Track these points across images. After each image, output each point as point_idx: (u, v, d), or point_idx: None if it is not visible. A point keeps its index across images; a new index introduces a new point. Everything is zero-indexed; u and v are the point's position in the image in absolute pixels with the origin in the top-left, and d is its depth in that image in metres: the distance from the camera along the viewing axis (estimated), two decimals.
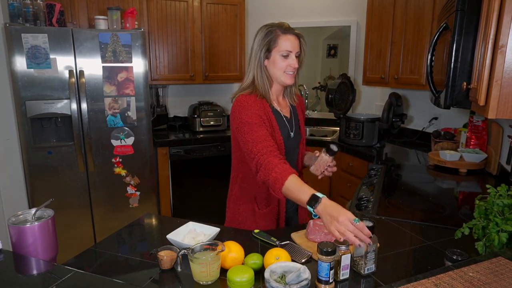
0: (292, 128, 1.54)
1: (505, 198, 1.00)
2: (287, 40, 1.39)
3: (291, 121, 1.54)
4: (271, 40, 1.40)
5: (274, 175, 1.21)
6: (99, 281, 0.91)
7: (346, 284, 1.03)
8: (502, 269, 0.85)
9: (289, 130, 1.52)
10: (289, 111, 1.56)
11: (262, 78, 1.44)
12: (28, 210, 1.14)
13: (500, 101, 1.16)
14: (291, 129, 1.53)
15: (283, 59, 1.41)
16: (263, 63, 1.44)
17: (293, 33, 1.42)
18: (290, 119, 1.54)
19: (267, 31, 1.41)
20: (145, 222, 1.50)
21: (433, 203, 1.70)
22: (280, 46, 1.39)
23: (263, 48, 1.42)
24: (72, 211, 2.68)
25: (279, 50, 1.40)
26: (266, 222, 1.51)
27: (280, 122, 1.48)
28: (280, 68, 1.42)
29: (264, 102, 1.44)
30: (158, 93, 3.51)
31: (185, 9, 3.26)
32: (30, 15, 2.47)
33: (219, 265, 1.04)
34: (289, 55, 1.40)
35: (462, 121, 2.64)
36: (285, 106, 1.56)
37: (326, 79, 3.88)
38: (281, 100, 1.56)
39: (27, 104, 2.43)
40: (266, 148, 1.28)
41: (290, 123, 1.53)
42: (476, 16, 1.42)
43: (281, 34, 1.40)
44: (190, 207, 3.33)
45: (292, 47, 1.40)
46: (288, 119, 1.53)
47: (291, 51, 1.40)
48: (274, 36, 1.40)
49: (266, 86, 1.45)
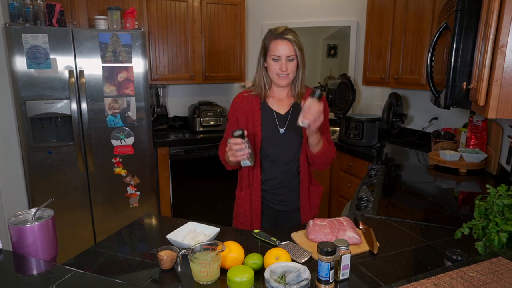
0: (284, 125, 1.58)
1: (505, 198, 1.00)
2: (277, 45, 1.48)
3: (284, 118, 1.59)
4: (265, 44, 1.53)
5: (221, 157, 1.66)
6: (99, 281, 0.91)
7: (346, 284, 1.03)
8: (502, 269, 0.85)
9: (278, 125, 1.58)
10: (287, 109, 1.61)
11: (260, 79, 1.58)
12: (28, 210, 1.14)
13: (500, 101, 1.16)
14: (281, 125, 1.58)
15: (275, 62, 1.51)
16: (263, 65, 1.57)
17: (283, 38, 1.48)
18: (283, 116, 1.60)
19: (265, 36, 1.54)
20: (145, 222, 1.50)
21: (433, 203, 1.70)
22: (271, 51, 1.50)
23: (262, 52, 1.56)
24: (72, 211, 2.67)
25: (271, 54, 1.50)
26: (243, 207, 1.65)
27: (266, 117, 1.58)
28: (273, 71, 1.52)
29: (256, 98, 1.60)
30: (158, 93, 3.51)
31: (185, 9, 3.26)
32: (30, 15, 2.47)
33: (219, 265, 1.04)
34: (279, 59, 1.49)
35: (462, 121, 2.64)
36: (284, 104, 1.62)
37: (326, 79, 3.88)
38: (283, 98, 1.63)
39: (27, 104, 2.43)
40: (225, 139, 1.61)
41: (281, 120, 1.59)
42: (476, 16, 1.42)
43: (272, 40, 1.49)
44: (190, 207, 3.33)
45: (282, 51, 1.47)
46: (280, 116, 1.59)
47: (280, 56, 1.48)
48: (268, 41, 1.51)
49: (263, 85, 1.58)
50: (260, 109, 1.59)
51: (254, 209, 1.62)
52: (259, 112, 1.58)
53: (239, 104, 1.62)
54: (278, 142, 1.58)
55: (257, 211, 1.62)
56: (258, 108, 1.58)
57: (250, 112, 1.58)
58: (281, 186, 1.63)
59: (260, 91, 1.59)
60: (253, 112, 1.58)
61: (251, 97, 1.61)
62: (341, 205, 2.94)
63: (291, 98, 1.63)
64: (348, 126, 2.96)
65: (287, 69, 1.49)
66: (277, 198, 1.64)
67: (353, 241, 1.21)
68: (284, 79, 1.52)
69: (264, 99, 1.61)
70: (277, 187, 1.63)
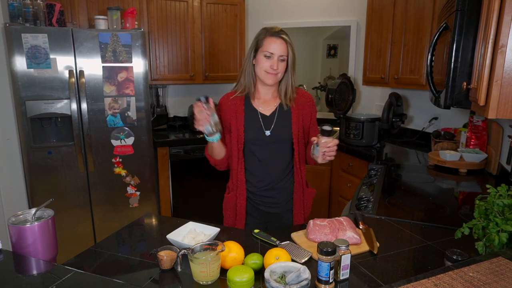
0: (270, 126, 1.56)
1: (505, 198, 1.00)
2: (272, 42, 1.47)
3: (269, 120, 1.57)
4: (258, 40, 1.51)
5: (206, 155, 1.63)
6: (99, 281, 0.91)
7: (346, 284, 1.03)
8: (502, 269, 0.85)
9: (263, 127, 1.56)
10: (272, 111, 1.59)
11: (247, 76, 1.55)
12: (28, 210, 1.14)
13: (500, 101, 1.16)
14: (266, 127, 1.56)
15: (266, 59, 1.48)
16: (252, 62, 1.54)
17: (279, 37, 1.48)
18: (268, 117, 1.58)
19: (258, 33, 1.53)
20: (145, 222, 1.50)
21: (433, 203, 1.70)
22: (264, 47, 1.48)
23: (253, 48, 1.53)
24: (72, 211, 2.67)
25: (263, 50, 1.48)
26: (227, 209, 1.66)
27: (250, 118, 1.56)
28: (262, 68, 1.50)
29: (240, 99, 1.58)
30: (158, 93, 3.51)
31: (185, 9, 3.26)
32: (30, 15, 2.47)
33: (219, 265, 1.04)
34: (271, 56, 1.47)
35: (462, 121, 2.64)
36: (269, 105, 1.60)
37: (326, 79, 3.87)
38: (269, 99, 1.60)
39: (27, 104, 2.43)
40: None
41: (266, 122, 1.57)
42: (476, 16, 1.42)
43: (268, 36, 1.48)
44: (190, 207, 3.33)
45: (276, 49, 1.47)
46: (265, 117, 1.57)
47: (273, 53, 1.47)
48: (262, 37, 1.50)
49: (250, 84, 1.56)
50: (243, 110, 1.56)
51: (238, 211, 1.61)
52: (242, 114, 1.56)
53: (222, 106, 1.60)
54: (265, 143, 1.56)
55: (241, 214, 1.61)
56: (242, 110, 1.56)
57: (233, 113, 1.56)
58: (270, 188, 1.60)
59: (247, 89, 1.57)
60: (237, 113, 1.56)
61: (235, 99, 1.58)
62: (341, 205, 2.94)
63: (276, 99, 1.61)
64: (348, 126, 2.96)
65: (277, 67, 1.48)
66: (266, 200, 1.62)
67: (353, 241, 1.21)
68: (272, 77, 1.50)
69: (249, 100, 1.59)
70: (266, 189, 1.60)
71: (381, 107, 2.91)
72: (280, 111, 1.58)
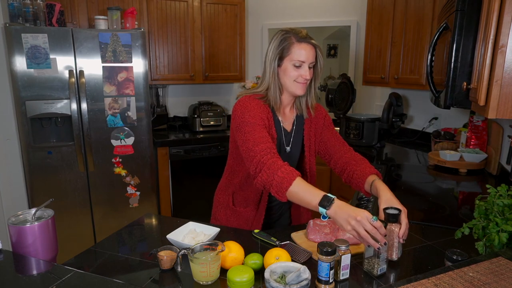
0: (289, 142, 1.46)
1: (505, 198, 1.00)
2: (301, 49, 1.31)
3: (289, 135, 1.47)
4: (284, 47, 1.32)
5: (280, 175, 1.15)
6: (99, 281, 0.91)
7: (346, 284, 1.03)
8: (502, 269, 0.85)
9: (285, 144, 1.45)
10: (291, 125, 1.48)
11: (275, 88, 1.37)
12: (28, 210, 1.13)
13: (500, 101, 1.16)
14: (287, 143, 1.46)
15: (295, 68, 1.32)
16: (277, 71, 1.36)
17: (309, 42, 1.32)
18: (289, 133, 1.46)
19: (282, 38, 1.33)
20: (145, 222, 1.50)
21: (433, 203, 1.70)
22: (292, 55, 1.31)
23: (276, 56, 1.34)
24: (72, 211, 2.67)
25: (292, 59, 1.32)
26: (238, 221, 1.51)
27: (278, 134, 1.42)
28: (291, 77, 1.34)
29: (267, 108, 1.38)
30: (158, 93, 3.51)
31: (185, 9, 3.26)
32: (30, 15, 2.47)
33: (219, 265, 1.04)
34: (301, 65, 1.32)
35: (462, 121, 2.64)
36: (288, 118, 1.47)
37: (326, 79, 3.88)
38: (288, 111, 1.47)
39: (27, 104, 2.43)
40: (270, 149, 1.23)
41: (287, 137, 1.46)
42: (476, 16, 1.41)
43: (296, 42, 1.31)
44: (190, 207, 3.33)
45: (306, 57, 1.31)
46: (286, 133, 1.46)
47: (304, 62, 1.32)
48: (288, 43, 1.32)
49: (277, 96, 1.38)
50: (274, 125, 1.39)
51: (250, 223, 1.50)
52: (274, 128, 1.38)
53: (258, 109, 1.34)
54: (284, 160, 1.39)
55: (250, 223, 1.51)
56: (272, 124, 1.38)
57: (268, 123, 1.36)
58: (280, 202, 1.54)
59: (275, 103, 1.38)
60: (270, 123, 1.37)
61: (264, 106, 1.37)
62: None
63: (293, 111, 1.48)
64: (348, 126, 2.96)
65: (309, 76, 1.34)
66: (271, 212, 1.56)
67: (353, 241, 1.21)
68: (303, 87, 1.35)
69: (276, 111, 1.43)
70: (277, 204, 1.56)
71: (381, 107, 2.91)
72: (297, 125, 1.48)
